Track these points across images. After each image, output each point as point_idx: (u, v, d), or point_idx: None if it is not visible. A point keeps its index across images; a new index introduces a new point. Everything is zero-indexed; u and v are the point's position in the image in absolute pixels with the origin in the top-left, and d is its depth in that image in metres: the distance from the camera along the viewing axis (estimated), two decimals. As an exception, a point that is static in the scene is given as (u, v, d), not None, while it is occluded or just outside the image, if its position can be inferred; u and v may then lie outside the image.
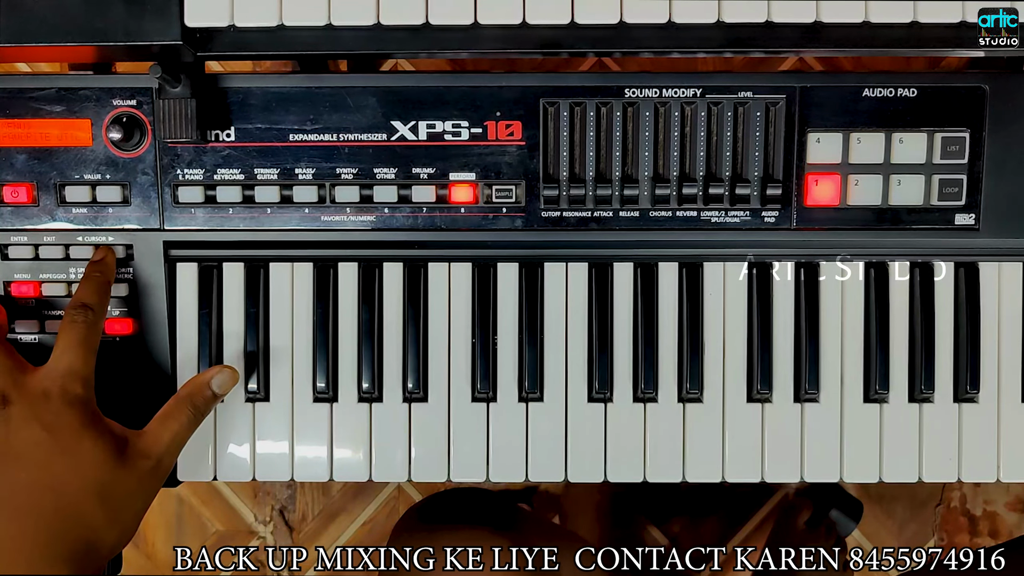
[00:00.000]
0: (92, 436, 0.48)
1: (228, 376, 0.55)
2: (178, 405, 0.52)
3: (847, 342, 0.58)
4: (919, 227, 0.56)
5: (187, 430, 0.52)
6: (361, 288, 0.58)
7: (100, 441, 0.48)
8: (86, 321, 0.51)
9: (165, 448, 0.51)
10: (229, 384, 0.55)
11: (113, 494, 0.48)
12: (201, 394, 0.53)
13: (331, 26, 0.53)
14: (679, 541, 1.15)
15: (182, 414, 0.52)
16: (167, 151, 0.56)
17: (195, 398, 0.53)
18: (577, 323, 0.58)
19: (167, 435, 0.51)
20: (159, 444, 0.51)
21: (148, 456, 0.50)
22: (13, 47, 0.52)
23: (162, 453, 0.51)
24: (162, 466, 0.51)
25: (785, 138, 0.55)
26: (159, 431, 0.51)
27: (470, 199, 0.56)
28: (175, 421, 0.52)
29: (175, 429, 0.52)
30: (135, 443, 0.50)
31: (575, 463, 0.57)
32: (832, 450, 0.57)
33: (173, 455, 0.52)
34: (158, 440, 0.51)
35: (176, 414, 0.52)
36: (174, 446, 0.52)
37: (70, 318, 0.51)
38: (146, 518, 0.51)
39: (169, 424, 0.52)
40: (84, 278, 0.53)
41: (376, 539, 1.16)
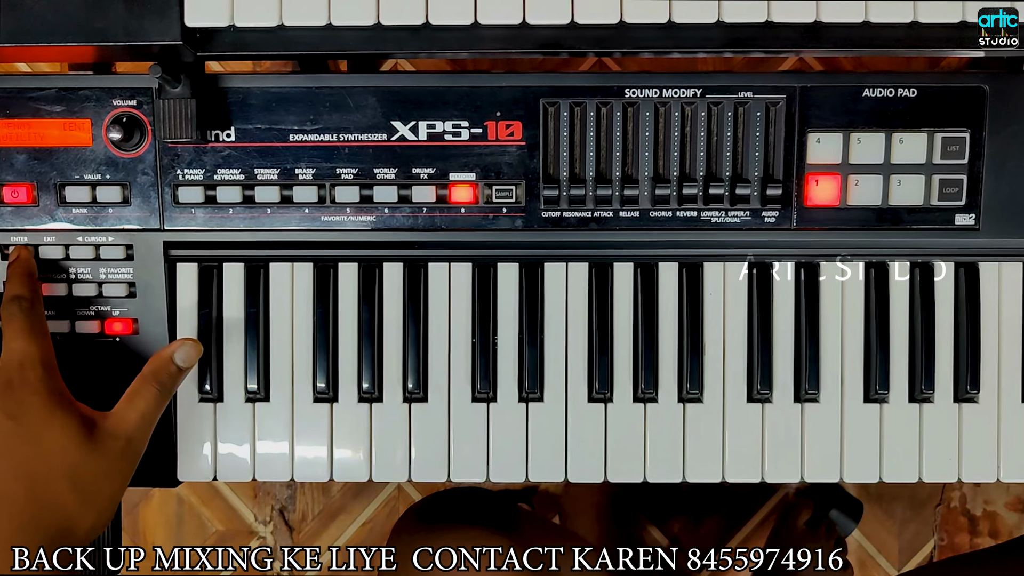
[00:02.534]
0: (59, 420, 0.48)
1: (191, 348, 0.54)
2: (143, 383, 0.52)
3: (847, 342, 0.58)
4: (919, 227, 0.56)
5: (155, 408, 0.52)
6: (361, 288, 0.58)
7: (68, 425, 0.48)
8: (21, 308, 0.51)
9: (134, 427, 0.51)
10: (193, 356, 0.54)
11: (85, 477, 0.48)
12: (166, 370, 0.53)
13: (331, 26, 0.53)
14: (679, 541, 1.15)
15: (148, 392, 0.52)
16: (167, 151, 0.56)
17: (159, 374, 0.53)
18: (577, 323, 0.58)
19: (134, 414, 0.51)
20: (127, 424, 0.50)
21: (117, 437, 0.50)
22: (13, 47, 0.52)
23: (131, 432, 0.50)
24: (133, 446, 0.51)
25: (785, 138, 0.55)
26: (126, 411, 0.51)
27: (470, 199, 0.56)
28: (142, 399, 0.51)
29: (142, 408, 0.51)
30: (103, 424, 0.50)
31: (575, 463, 0.57)
32: (832, 450, 0.57)
33: (144, 433, 0.52)
34: (126, 420, 0.51)
35: (143, 392, 0.52)
36: (144, 424, 0.51)
37: (6, 312, 0.51)
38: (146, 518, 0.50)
39: (136, 403, 0.51)
40: (7, 277, 0.54)
41: (376, 539, 1.16)
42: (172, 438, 0.58)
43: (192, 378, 0.57)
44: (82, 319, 0.57)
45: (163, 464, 0.57)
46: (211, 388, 0.58)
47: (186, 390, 0.58)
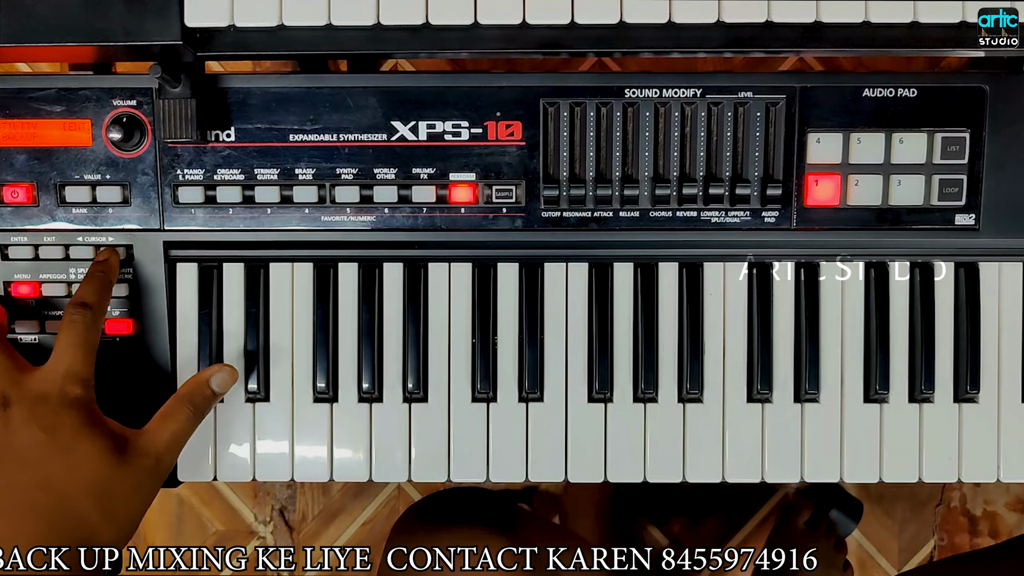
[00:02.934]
0: (90, 436, 0.48)
1: (227, 375, 0.55)
2: (177, 404, 0.52)
3: (847, 342, 0.58)
4: (919, 227, 0.56)
5: (187, 429, 0.52)
6: (361, 288, 0.58)
7: (99, 441, 0.48)
8: (84, 321, 0.51)
9: (164, 447, 0.51)
10: (228, 383, 0.55)
11: (111, 494, 0.48)
12: (200, 393, 0.53)
13: (331, 26, 0.53)
14: (679, 541, 1.15)
15: (181, 413, 0.52)
16: (167, 151, 0.56)
17: (194, 397, 0.53)
18: (577, 323, 0.58)
19: (166, 434, 0.51)
20: (158, 443, 0.51)
21: (147, 455, 0.50)
22: (13, 47, 0.52)
23: (161, 452, 0.51)
24: (162, 465, 0.51)
25: (785, 138, 0.55)
26: (158, 430, 0.51)
27: (470, 199, 0.56)
28: (174, 421, 0.52)
29: (174, 428, 0.51)
30: (134, 442, 0.50)
31: (575, 463, 0.57)
32: (832, 450, 0.57)
33: (173, 454, 0.52)
34: (157, 439, 0.51)
35: (175, 413, 0.52)
36: (174, 445, 0.52)
37: (69, 318, 0.51)
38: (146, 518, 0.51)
39: (168, 423, 0.52)
40: (87, 277, 0.53)
41: (376, 539, 1.16)
42: (172, 438, 0.58)
43: (192, 378, 0.58)
44: (82, 319, 0.57)
45: (163, 464, 0.57)
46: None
47: (186, 390, 0.58)
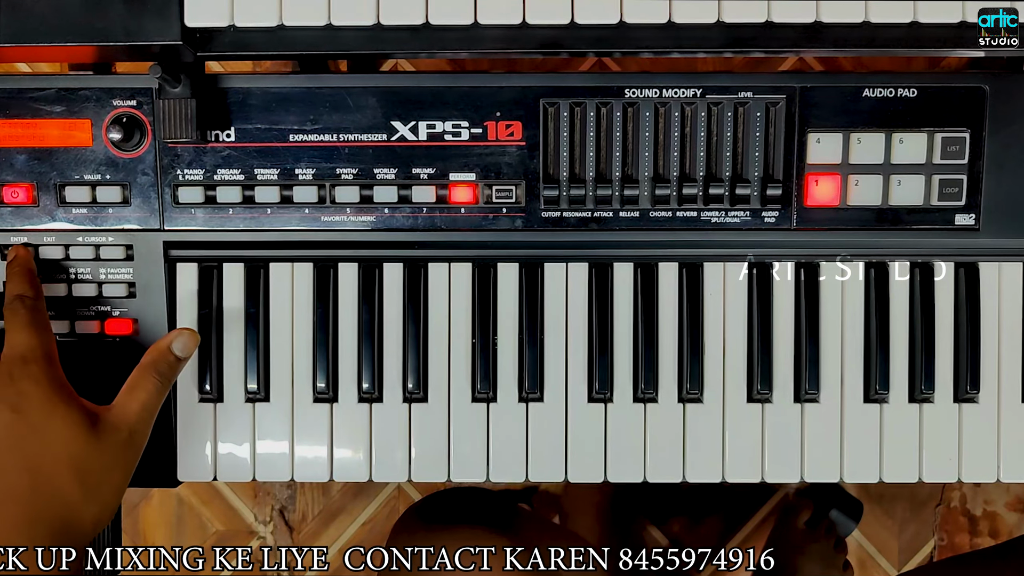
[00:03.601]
0: (62, 412, 0.48)
1: (188, 338, 0.54)
2: (143, 374, 0.52)
3: (847, 342, 0.58)
4: (919, 227, 0.56)
5: (156, 398, 0.52)
6: (361, 288, 0.58)
7: (71, 417, 0.48)
8: (24, 305, 0.51)
9: (136, 418, 0.51)
10: (191, 346, 0.54)
11: (89, 469, 0.48)
12: (164, 360, 0.53)
13: (331, 26, 0.53)
14: (679, 541, 1.15)
15: (148, 382, 0.52)
16: (167, 151, 0.56)
17: (159, 364, 0.53)
18: (577, 323, 0.58)
19: (135, 405, 0.51)
20: (129, 415, 0.50)
21: (119, 429, 0.50)
22: (13, 47, 0.52)
23: (133, 424, 0.50)
24: (136, 437, 0.51)
25: (785, 138, 0.55)
26: (127, 402, 0.51)
27: (470, 199, 0.56)
28: (142, 391, 0.51)
29: (143, 399, 0.51)
30: (105, 417, 0.50)
31: (575, 463, 0.57)
32: (832, 450, 0.57)
33: (146, 424, 0.52)
34: (128, 411, 0.51)
35: (142, 383, 0.52)
36: (145, 415, 0.51)
37: (9, 309, 0.51)
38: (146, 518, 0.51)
39: (136, 394, 0.51)
40: (7, 276, 0.54)
41: (376, 539, 1.16)
42: (172, 438, 0.58)
43: (192, 378, 0.58)
44: (82, 319, 0.57)
45: (163, 464, 0.57)
46: (211, 388, 0.58)
47: (186, 390, 0.58)
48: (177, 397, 0.58)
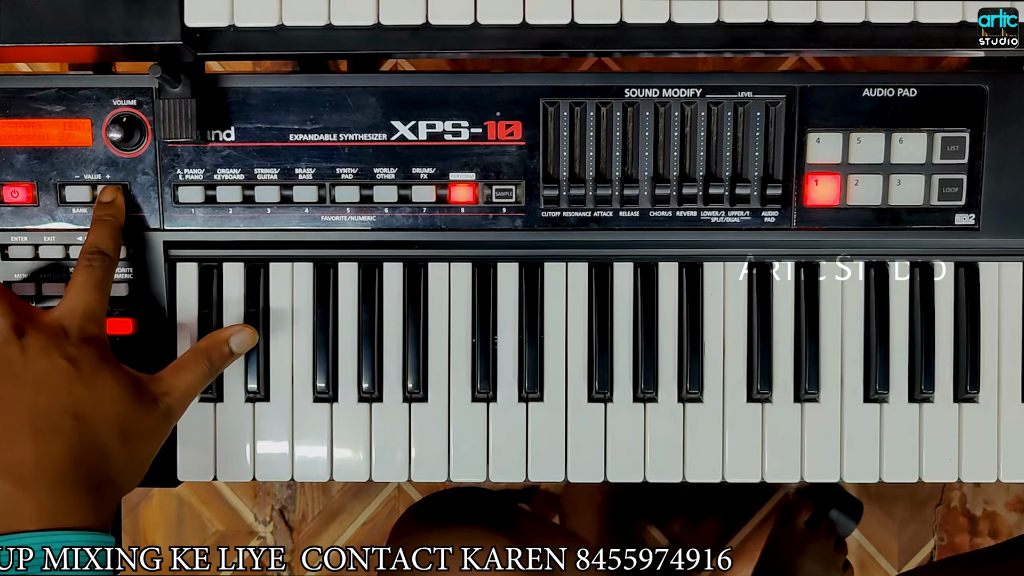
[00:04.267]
0: (111, 372, 0.49)
1: (248, 335, 0.55)
2: (195, 357, 0.53)
3: (847, 342, 0.58)
4: (919, 227, 0.56)
5: (200, 383, 0.53)
6: (361, 288, 0.58)
7: (118, 378, 0.49)
8: (102, 265, 0.52)
9: (177, 396, 0.51)
10: (248, 343, 0.55)
11: (132, 430, 0.49)
12: (219, 350, 0.54)
13: (331, 26, 0.53)
14: (679, 541, 1.15)
15: (198, 367, 0.52)
16: (167, 151, 0.56)
17: (212, 353, 0.53)
18: (577, 323, 0.58)
19: (181, 384, 0.51)
20: (173, 391, 0.51)
21: (159, 401, 0.50)
22: (13, 47, 0.52)
23: (173, 401, 0.51)
24: (172, 415, 0.51)
25: (785, 138, 0.55)
26: (173, 379, 0.52)
27: (470, 199, 0.56)
28: (190, 372, 0.52)
29: (189, 380, 0.52)
30: (149, 386, 0.50)
31: (575, 463, 0.57)
32: (832, 450, 0.57)
33: (183, 405, 0.52)
34: (172, 387, 0.51)
35: (192, 366, 0.52)
36: (186, 396, 0.52)
37: (87, 261, 0.51)
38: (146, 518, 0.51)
39: (184, 375, 0.52)
40: (96, 221, 0.54)
41: (376, 539, 1.16)
42: (172, 438, 0.57)
43: (192, 378, 0.58)
44: (82, 319, 0.57)
45: (163, 464, 0.57)
46: (211, 388, 0.57)
47: (186, 390, 0.58)
48: (177, 397, 0.58)
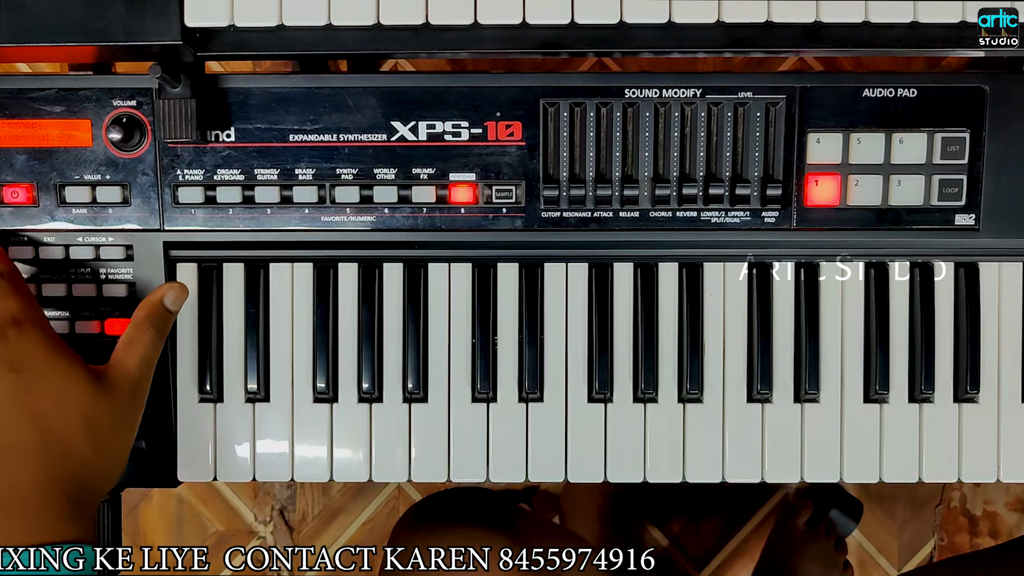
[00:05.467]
0: (63, 368, 0.48)
1: (179, 291, 0.55)
2: (138, 328, 0.52)
3: (847, 342, 0.58)
4: (919, 227, 0.56)
5: (152, 350, 0.52)
6: (361, 288, 0.58)
7: (72, 373, 0.48)
8: (2, 277, 0.50)
9: (137, 371, 0.51)
10: (182, 298, 0.55)
11: (97, 424, 0.48)
12: (158, 313, 0.53)
13: (331, 26, 0.53)
14: (679, 541, 1.15)
15: (145, 335, 0.52)
16: (167, 151, 0.56)
17: (153, 318, 0.53)
18: (577, 323, 0.58)
19: (134, 358, 0.51)
20: (130, 369, 0.51)
21: (121, 384, 0.50)
22: (13, 47, 0.52)
23: (135, 377, 0.51)
24: (139, 391, 0.51)
25: (785, 138, 0.55)
26: (126, 357, 0.51)
27: (470, 199, 0.56)
28: (139, 344, 0.52)
29: (141, 352, 0.51)
30: (106, 373, 0.50)
31: (575, 463, 0.57)
32: (832, 450, 0.57)
33: (146, 377, 0.52)
34: (128, 365, 0.51)
35: (139, 337, 0.52)
36: (145, 367, 0.52)
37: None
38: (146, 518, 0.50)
39: (135, 348, 0.51)
40: None
41: (376, 539, 1.16)
42: (172, 438, 0.58)
43: (192, 378, 0.58)
44: (82, 319, 0.57)
45: (163, 464, 0.57)
46: (211, 388, 0.58)
47: (186, 390, 0.58)
48: (177, 397, 0.58)
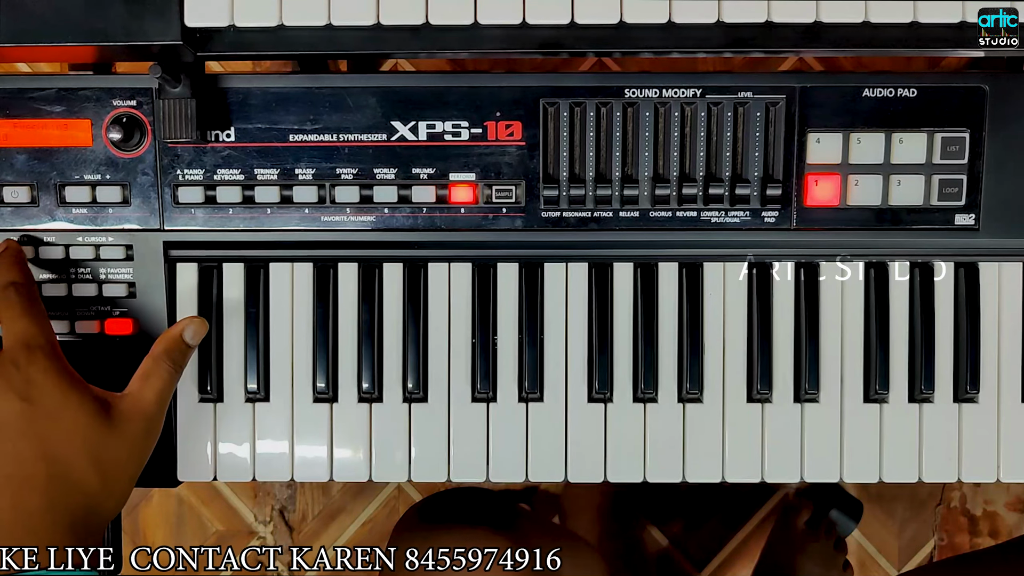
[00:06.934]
0: (75, 400, 0.47)
1: (199, 325, 0.54)
2: (156, 362, 0.52)
3: (847, 342, 0.58)
4: (919, 227, 0.56)
5: (169, 385, 0.52)
6: (361, 288, 0.58)
7: (84, 405, 0.48)
8: (18, 292, 0.50)
9: (152, 407, 0.50)
10: (201, 333, 0.55)
11: (105, 458, 0.48)
12: (177, 347, 0.53)
13: (331, 26, 0.53)
14: (679, 541, 1.15)
15: (162, 370, 0.52)
16: (167, 151, 0.56)
17: (172, 352, 0.53)
18: (577, 323, 0.58)
19: (151, 394, 0.51)
20: (145, 404, 0.50)
21: (134, 419, 0.49)
22: (13, 47, 0.52)
23: (150, 413, 0.50)
24: (152, 426, 0.51)
25: (785, 138, 0.55)
26: (142, 391, 0.51)
27: (470, 199, 0.56)
28: (157, 378, 0.51)
29: (158, 387, 0.51)
30: (119, 406, 0.49)
31: (575, 463, 0.57)
32: (832, 450, 0.57)
33: (161, 412, 0.52)
34: (143, 400, 0.50)
35: (156, 371, 0.52)
36: (160, 403, 0.51)
37: (2, 298, 0.49)
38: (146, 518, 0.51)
39: (152, 382, 0.51)
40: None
41: (376, 539, 1.16)
42: (172, 438, 0.58)
43: (192, 378, 0.58)
44: (82, 319, 0.57)
45: (163, 464, 0.57)
46: (211, 388, 0.58)
47: (186, 390, 0.58)
48: (177, 397, 0.58)
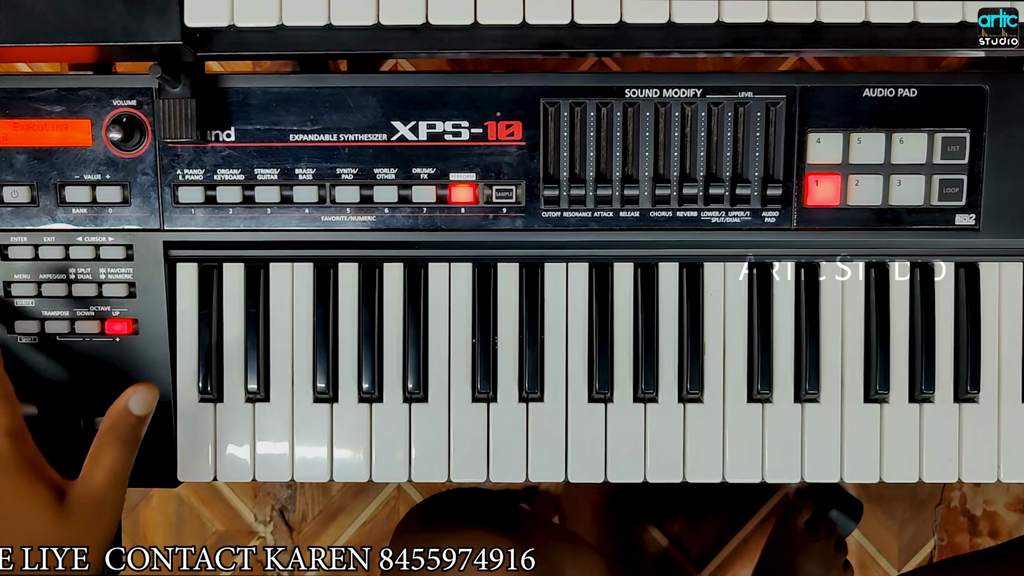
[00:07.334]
0: (27, 494, 0.46)
1: (144, 394, 0.52)
2: (103, 442, 0.50)
3: (847, 342, 0.58)
4: (919, 227, 0.56)
5: (123, 463, 0.50)
6: (361, 288, 0.58)
7: (36, 498, 0.46)
8: None
9: (103, 489, 0.49)
10: (150, 401, 0.52)
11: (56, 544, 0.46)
12: (124, 422, 0.51)
13: (331, 26, 0.53)
14: (679, 541, 1.15)
15: (111, 448, 0.49)
16: (167, 151, 0.56)
17: (118, 428, 0.50)
18: (577, 323, 0.58)
19: (101, 474, 0.49)
20: (96, 487, 0.48)
21: (85, 505, 0.48)
22: (13, 47, 0.52)
23: (101, 496, 0.48)
24: (105, 508, 0.49)
25: (785, 138, 0.55)
26: (91, 475, 0.49)
27: (470, 199, 0.56)
28: (106, 458, 0.49)
29: (108, 466, 0.49)
30: (71, 494, 0.48)
31: (575, 463, 0.57)
32: (832, 450, 0.57)
33: (116, 491, 0.49)
34: (93, 485, 0.48)
35: (105, 450, 0.49)
36: (114, 482, 0.49)
37: None
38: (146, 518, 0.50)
39: (101, 462, 0.49)
40: None
41: (376, 539, 1.16)
42: (172, 438, 0.58)
43: (192, 378, 0.58)
44: (82, 319, 0.57)
45: (163, 464, 0.57)
46: (211, 388, 0.58)
47: (186, 390, 0.58)
48: (177, 397, 0.58)
